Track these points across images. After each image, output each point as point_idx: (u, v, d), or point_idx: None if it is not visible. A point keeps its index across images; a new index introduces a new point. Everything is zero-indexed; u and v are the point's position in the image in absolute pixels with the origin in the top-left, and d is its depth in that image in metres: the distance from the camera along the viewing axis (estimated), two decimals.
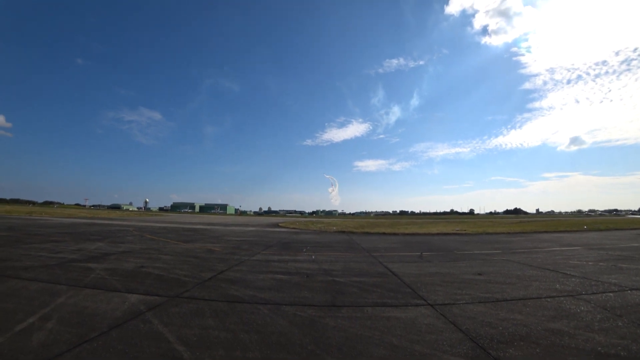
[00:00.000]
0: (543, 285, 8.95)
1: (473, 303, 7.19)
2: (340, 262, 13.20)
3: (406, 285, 8.80)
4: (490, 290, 8.33)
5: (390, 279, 9.86)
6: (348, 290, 8.32)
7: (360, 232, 34.12)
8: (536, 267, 12.02)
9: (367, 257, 14.96)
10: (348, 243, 22.67)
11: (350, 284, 8.96)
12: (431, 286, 8.75)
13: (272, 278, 9.65)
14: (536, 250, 18.07)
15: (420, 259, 14.25)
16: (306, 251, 16.54)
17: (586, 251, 17.30)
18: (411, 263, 13.00)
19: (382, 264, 12.59)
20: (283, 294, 7.82)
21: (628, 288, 8.64)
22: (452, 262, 13.53)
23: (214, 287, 8.27)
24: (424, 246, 19.75)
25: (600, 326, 5.74)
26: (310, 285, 8.76)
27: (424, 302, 7.16)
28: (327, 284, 8.93)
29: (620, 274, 10.75)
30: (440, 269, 11.73)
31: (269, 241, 22.76)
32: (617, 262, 13.30)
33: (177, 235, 25.14)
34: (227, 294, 7.60)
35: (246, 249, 17.02)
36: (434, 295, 7.82)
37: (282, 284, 8.93)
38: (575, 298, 7.61)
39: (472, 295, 7.87)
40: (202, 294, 7.61)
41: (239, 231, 33.08)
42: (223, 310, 6.37)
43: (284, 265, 12.17)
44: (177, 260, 12.73)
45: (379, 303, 7.15)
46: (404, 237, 27.74)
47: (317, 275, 10.17)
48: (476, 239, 25.65)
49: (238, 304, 6.81)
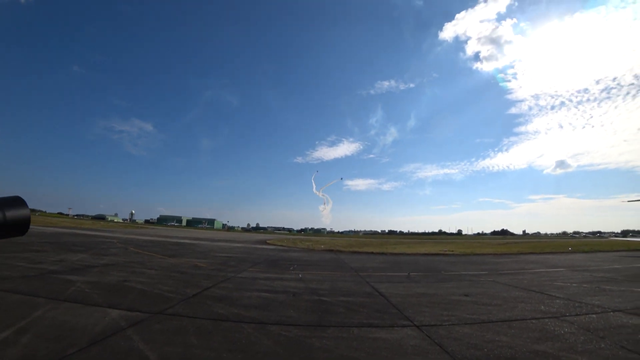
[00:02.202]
0: (528, 307, 9.01)
1: (459, 324, 7.19)
2: (328, 281, 13.12)
3: (393, 306, 8.77)
4: (476, 312, 8.36)
5: (377, 299, 9.82)
6: (335, 310, 8.25)
7: (348, 251, 34.03)
8: (522, 288, 12.11)
9: (355, 276, 14.90)
10: (336, 262, 22.56)
11: (337, 304, 8.89)
12: (418, 307, 8.74)
13: (259, 296, 9.53)
14: (522, 271, 18.24)
15: (408, 279, 14.24)
16: (293, 269, 16.40)
17: (571, 273, 17.57)
18: (398, 283, 12.99)
19: (370, 284, 12.55)
20: (269, 312, 7.72)
21: (610, 310, 8.77)
22: (439, 282, 13.56)
23: (198, 304, 8.13)
24: (411, 266, 19.77)
25: (584, 348, 5.79)
26: (296, 304, 8.67)
27: (411, 323, 7.13)
28: (313, 304, 8.85)
29: (603, 295, 10.92)
30: (428, 289, 11.74)
31: (256, 258, 22.53)
32: (600, 283, 13.53)
33: (162, 249, 24.71)
34: (212, 312, 7.47)
35: (233, 266, 16.81)
36: (421, 316, 7.80)
37: (269, 302, 8.82)
38: (559, 320, 7.68)
39: (459, 316, 7.88)
40: (186, 311, 7.47)
41: (226, 247, 32.71)
42: (207, 328, 6.25)
43: (271, 283, 12.04)
44: (162, 275, 12.49)
45: (366, 324, 7.11)
46: (392, 257, 27.75)
47: (303, 294, 10.08)
48: (463, 260, 25.78)
49: (223, 322, 6.70)
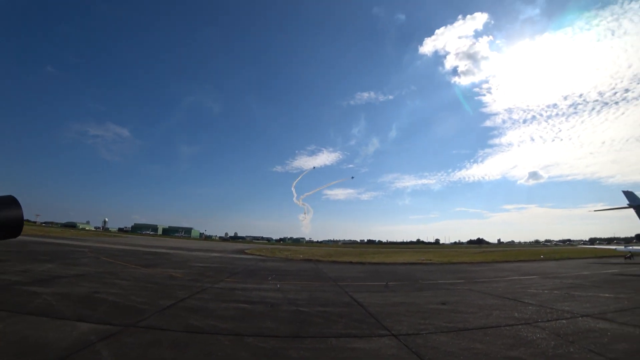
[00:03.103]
0: (503, 314, 9.25)
1: (436, 333, 7.29)
2: (306, 291, 13.05)
3: (371, 316, 8.80)
4: (453, 320, 8.49)
5: (356, 309, 9.84)
6: (313, 320, 8.21)
7: (327, 260, 34.02)
8: (497, 296, 12.42)
9: (333, 286, 14.89)
10: (315, 272, 22.51)
11: (315, 314, 8.85)
12: (396, 316, 8.81)
13: (236, 307, 9.37)
14: (497, 279, 18.73)
15: (386, 288, 14.34)
16: (271, 279, 16.24)
17: (542, 280, 18.21)
18: (377, 293, 13.05)
19: (348, 293, 12.56)
20: (246, 324, 7.60)
21: (579, 315, 9.12)
22: (417, 291, 13.72)
23: (173, 316, 7.92)
24: (390, 276, 19.92)
25: (555, 352, 6.00)
26: (274, 315, 8.57)
27: (388, 333, 7.18)
28: (291, 314, 8.78)
29: (573, 301, 11.36)
30: (406, 298, 11.85)
31: (233, 268, 22.18)
32: (569, 290, 14.09)
33: (136, 259, 23.96)
34: (187, 324, 7.28)
35: (210, 276, 16.48)
36: (399, 325, 7.86)
37: (246, 313, 8.69)
38: (532, 326, 7.91)
39: (436, 325, 7.98)
40: (161, 323, 7.25)
41: (203, 257, 32.07)
42: (182, 341, 6.09)
43: (248, 293, 11.88)
44: (135, 286, 12.11)
45: (344, 334, 7.10)
46: (371, 267, 27.91)
47: (281, 305, 9.99)
48: (441, 269, 26.23)
49: (198, 335, 6.54)
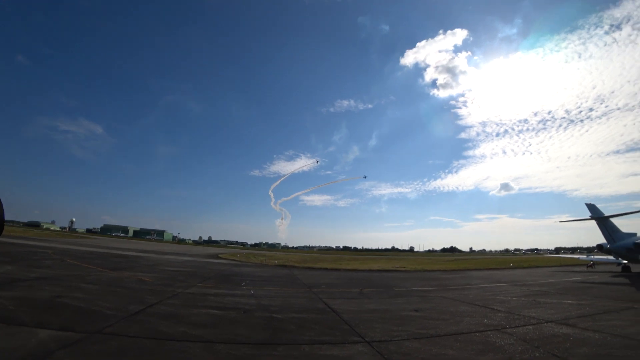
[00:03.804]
0: (473, 321, 9.49)
1: (409, 339, 7.38)
2: (280, 297, 12.94)
3: (345, 322, 8.81)
4: (425, 326, 8.63)
5: (330, 315, 9.83)
6: (286, 327, 8.13)
7: (302, 266, 33.91)
8: (468, 303, 12.74)
9: (308, 292, 14.83)
10: (289, 278, 22.37)
11: (288, 321, 8.78)
12: (369, 323, 8.85)
13: (207, 313, 9.16)
14: (469, 286, 19.23)
15: (361, 295, 14.41)
16: (245, 285, 16.00)
17: (511, 287, 18.87)
18: (351, 299, 13.10)
19: (322, 300, 12.53)
20: (218, 330, 7.44)
21: (544, 321, 9.50)
22: (391, 298, 13.86)
23: (141, 322, 7.63)
24: (365, 282, 20.05)
25: (521, 357, 6.22)
26: (247, 322, 8.44)
27: (362, 339, 7.20)
28: (264, 321, 8.66)
29: (539, 307, 11.83)
30: (379, 305, 11.95)
31: (206, 273, 21.73)
32: (536, 297, 14.67)
33: (105, 262, 23.03)
34: (156, 330, 7.04)
35: (181, 281, 16.06)
36: (372, 332, 7.90)
37: (218, 319, 8.51)
38: (500, 332, 8.16)
39: (409, 331, 8.08)
40: (127, 329, 6.96)
41: (175, 261, 31.24)
42: (150, 349, 5.87)
43: (221, 299, 11.65)
44: (102, 290, 11.64)
45: (317, 340, 7.07)
46: (346, 273, 28.00)
47: (255, 311, 9.85)
48: (415, 276, 26.63)
49: (168, 342, 6.33)
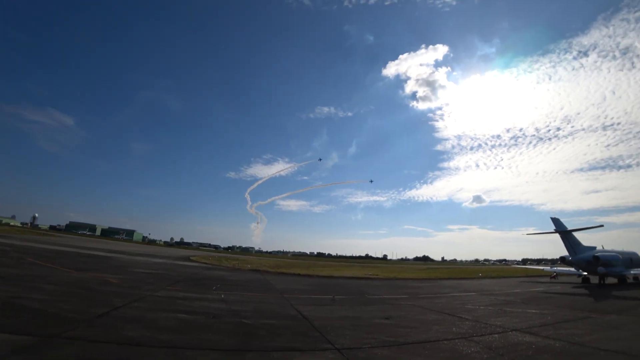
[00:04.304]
0: (442, 329, 9.70)
1: (379, 347, 7.46)
2: (252, 302, 12.79)
3: (315, 329, 8.80)
4: (395, 334, 8.74)
5: (301, 322, 9.80)
6: (256, 333, 8.05)
7: (275, 272, 33.64)
8: (437, 311, 13.01)
9: (280, 298, 14.73)
10: (262, 283, 22.14)
11: (259, 327, 8.69)
12: (340, 330, 8.88)
13: (176, 317, 8.93)
14: (439, 295, 19.65)
15: (333, 302, 14.44)
16: (216, 289, 15.70)
17: (480, 296, 19.43)
18: (323, 306, 13.10)
19: (294, 306, 12.48)
20: (186, 335, 7.26)
21: (509, 329, 9.84)
22: (362, 305, 13.96)
23: (105, 326, 7.35)
24: (337, 289, 20.10)
25: None
26: (216, 327, 8.28)
27: (332, 347, 7.21)
28: (235, 326, 8.54)
29: (505, 316, 12.23)
30: (351, 312, 12.02)
31: (177, 276, 21.19)
32: (503, 306, 15.15)
33: (69, 262, 22.01)
34: (121, 335, 6.79)
35: (150, 283, 15.59)
36: (342, 339, 7.93)
37: (186, 324, 8.30)
38: (467, 340, 8.38)
39: (379, 339, 8.16)
40: (90, 333, 6.68)
41: (145, 262, 30.28)
42: (113, 354, 5.67)
43: (190, 303, 11.40)
44: (65, 291, 11.13)
45: (287, 347, 7.04)
46: (319, 280, 27.98)
47: (225, 316, 9.70)
48: (387, 284, 26.92)
49: (133, 347, 6.12)
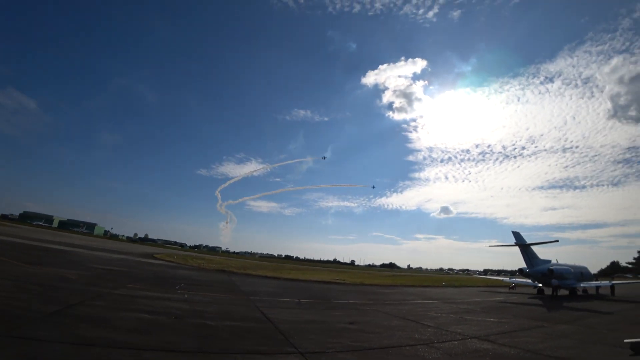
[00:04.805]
0: (405, 335, 9.90)
1: (342, 351, 7.52)
2: (216, 304, 12.58)
3: (280, 332, 8.77)
4: (359, 339, 8.84)
5: (265, 325, 9.73)
6: (219, 335, 7.92)
7: (242, 273, 33.26)
8: (401, 317, 13.27)
9: (245, 300, 14.57)
10: (227, 284, 21.82)
11: (222, 329, 8.56)
12: (305, 334, 8.88)
13: (136, 317, 8.63)
14: (404, 302, 20.05)
15: (299, 305, 14.42)
16: (179, 289, 15.29)
17: (442, 304, 19.95)
18: (289, 309, 13.07)
19: (259, 308, 12.37)
20: (145, 336, 7.03)
21: (469, 336, 10.17)
22: (328, 310, 14.02)
23: (58, 325, 6.99)
24: (304, 293, 20.06)
25: None
26: (178, 328, 8.09)
27: (295, 350, 7.20)
28: (197, 328, 8.36)
29: (465, 324, 12.63)
30: (316, 316, 12.05)
31: (139, 273, 20.50)
32: (463, 314, 15.65)
33: (21, 254, 20.77)
34: (75, 335, 6.48)
35: (110, 280, 14.98)
36: (306, 343, 7.94)
37: (146, 324, 8.05)
38: (429, 346, 8.60)
39: (343, 344, 8.22)
40: (41, 333, 6.33)
41: (106, 258, 29.03)
42: (65, 356, 5.40)
43: (152, 302, 11.05)
44: (15, 287, 10.52)
45: (250, 350, 6.97)
46: (286, 282, 27.85)
47: (188, 317, 9.47)
48: (354, 289, 27.13)
49: (87, 348, 5.85)
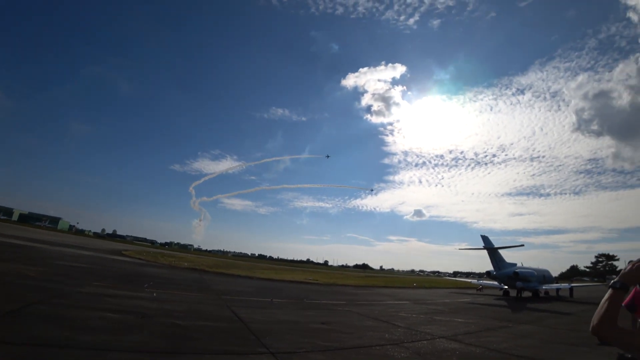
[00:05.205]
0: (376, 335, 10.07)
1: (314, 351, 7.56)
2: (186, 303, 12.31)
3: (251, 332, 8.70)
4: (331, 339, 8.92)
5: (237, 325, 9.63)
6: (189, 335, 7.76)
7: (214, 271, 32.78)
8: (373, 318, 13.47)
9: (217, 299, 14.36)
10: (199, 283, 21.45)
11: (192, 329, 8.39)
12: (277, 334, 8.86)
13: (101, 317, 8.30)
14: (375, 303, 20.38)
15: (271, 305, 14.37)
16: (148, 287, 14.81)
17: (413, 305, 20.46)
18: (261, 309, 12.98)
19: (231, 308, 12.21)
20: (111, 337, 6.77)
21: (437, 336, 10.47)
22: (301, 310, 14.03)
23: (16, 325, 6.64)
24: (277, 293, 19.98)
25: None
26: (146, 328, 7.83)
27: (267, 351, 7.17)
28: (166, 327, 8.16)
29: (434, 324, 12.98)
30: (289, 316, 12.04)
31: (106, 271, 19.74)
32: (433, 314, 16.10)
33: None
34: (33, 335, 6.14)
35: (74, 278, 14.35)
36: (278, 343, 7.91)
37: (112, 324, 7.77)
38: (398, 346, 8.78)
39: (315, 344, 8.27)
40: None
41: (70, 254, 27.66)
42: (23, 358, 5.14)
43: (119, 301, 10.68)
44: None
45: (220, 351, 6.89)
46: (259, 282, 27.64)
47: (156, 317, 9.21)
48: (327, 290, 27.29)
49: (48, 349, 5.58)
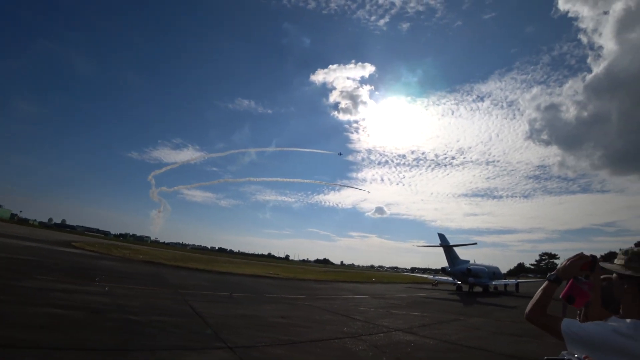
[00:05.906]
0: (335, 328, 10.36)
1: (273, 345, 7.67)
2: (141, 297, 11.94)
3: (209, 327, 8.63)
4: (290, 333, 9.07)
5: (194, 319, 9.51)
6: (144, 331, 7.55)
7: (171, 264, 31.95)
8: (332, 312, 13.80)
9: (173, 293, 14.03)
10: (155, 276, 20.81)
11: (148, 324, 8.16)
12: (235, 328, 8.87)
13: (47, 313, 7.83)
14: (335, 297, 20.84)
15: (230, 299, 14.28)
16: (100, 281, 14.11)
17: (371, 299, 21.19)
18: (219, 303, 12.88)
19: (188, 302, 12.01)
20: (58, 334, 6.43)
21: (393, 329, 10.95)
22: (260, 304, 14.07)
23: None
24: (236, 287, 19.83)
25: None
26: (97, 324, 7.54)
27: (225, 345, 7.16)
28: (119, 323, 7.87)
29: (391, 318, 13.54)
30: (248, 310, 12.04)
31: (53, 263, 18.52)
32: (390, 308, 16.77)
33: None
34: None
35: (18, 272, 13.33)
36: (236, 337, 7.93)
37: (60, 320, 7.37)
38: (356, 339, 9.11)
39: (273, 337, 8.37)
40: None
41: (12, 245, 25.31)
42: None
43: (67, 296, 10.12)
44: None
45: (177, 346, 6.80)
46: (218, 276, 27.28)
47: (108, 312, 8.85)
48: (287, 284, 27.50)
49: None
